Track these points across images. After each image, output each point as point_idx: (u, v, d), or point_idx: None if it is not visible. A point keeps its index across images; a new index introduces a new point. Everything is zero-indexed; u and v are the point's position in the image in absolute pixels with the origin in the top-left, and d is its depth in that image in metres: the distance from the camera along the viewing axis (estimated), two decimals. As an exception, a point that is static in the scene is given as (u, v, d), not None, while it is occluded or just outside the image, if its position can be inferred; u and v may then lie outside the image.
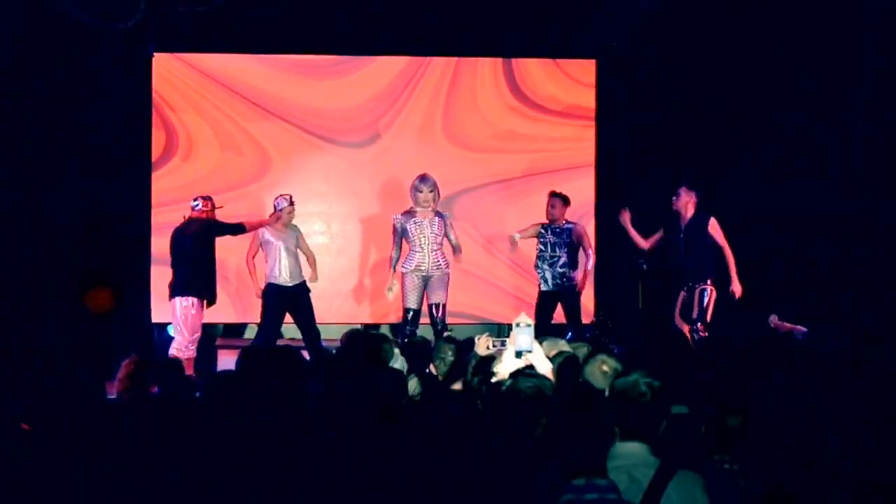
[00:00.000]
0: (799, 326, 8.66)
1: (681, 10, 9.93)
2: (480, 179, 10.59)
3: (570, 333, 10.04)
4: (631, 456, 3.53)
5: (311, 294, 9.25)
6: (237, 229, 9.17)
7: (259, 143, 10.52)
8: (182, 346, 8.77)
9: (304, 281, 9.24)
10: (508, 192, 10.58)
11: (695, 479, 3.52)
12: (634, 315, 10.25)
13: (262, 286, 9.18)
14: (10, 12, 9.51)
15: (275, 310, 9.11)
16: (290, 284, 9.13)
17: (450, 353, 5.35)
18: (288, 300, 9.12)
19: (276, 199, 9.24)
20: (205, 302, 8.93)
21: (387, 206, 10.36)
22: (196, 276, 8.86)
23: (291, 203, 9.20)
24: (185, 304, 8.81)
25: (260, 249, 9.21)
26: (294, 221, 9.38)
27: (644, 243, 9.36)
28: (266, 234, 9.16)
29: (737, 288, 8.92)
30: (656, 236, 9.30)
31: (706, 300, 8.92)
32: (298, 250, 9.26)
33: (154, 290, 10.11)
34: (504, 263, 10.57)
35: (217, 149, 10.48)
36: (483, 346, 6.64)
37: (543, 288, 9.50)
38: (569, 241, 9.43)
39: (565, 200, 9.52)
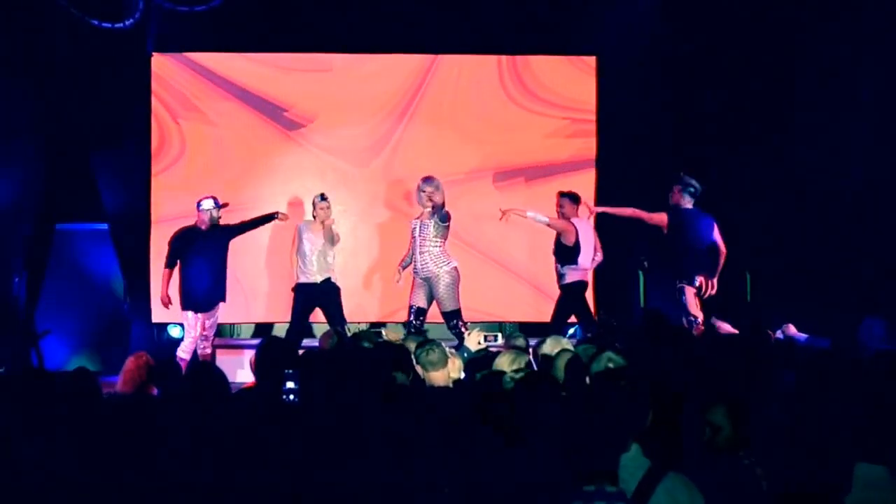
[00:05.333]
0: (800, 333, 8.62)
1: (681, 7, 9.92)
2: (481, 174, 10.57)
3: (573, 331, 10.04)
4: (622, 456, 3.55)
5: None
6: (251, 225, 9.34)
7: (259, 141, 10.50)
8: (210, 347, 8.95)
9: (330, 277, 9.25)
10: (509, 187, 10.55)
11: (683, 482, 3.56)
12: (636, 313, 10.25)
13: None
14: (10, 12, 9.49)
15: (298, 307, 9.18)
16: (317, 280, 9.16)
17: (436, 349, 5.37)
18: (313, 296, 9.16)
19: (314, 198, 9.30)
20: None
21: (390, 205, 10.37)
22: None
23: (323, 199, 9.24)
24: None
25: (297, 245, 9.29)
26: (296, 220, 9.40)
27: (647, 216, 9.21)
28: (301, 230, 9.26)
29: (710, 285, 8.92)
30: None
31: (683, 298, 8.94)
32: (329, 247, 9.27)
33: (154, 290, 10.09)
34: (501, 259, 10.54)
35: (216, 148, 10.46)
36: (474, 340, 6.66)
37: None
38: (557, 239, 9.31)
39: (574, 199, 9.34)
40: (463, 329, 8.73)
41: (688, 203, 9.08)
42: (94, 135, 10.14)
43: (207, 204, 9.03)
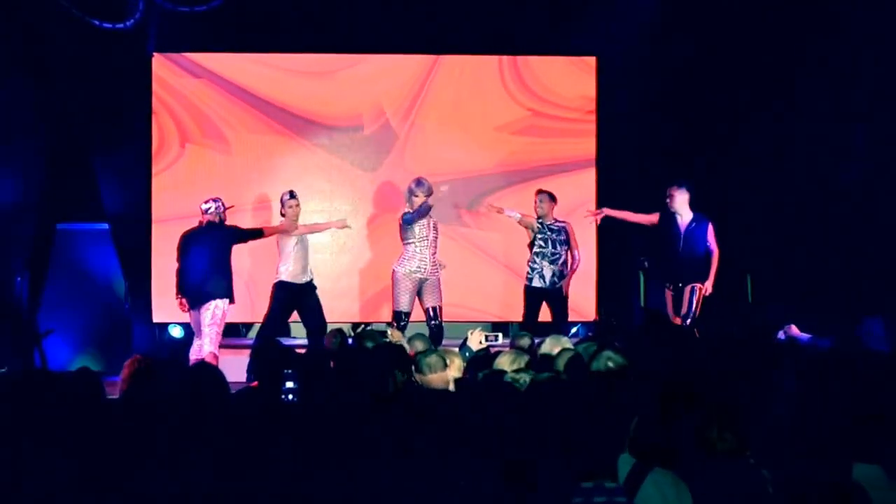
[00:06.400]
0: (803, 333, 8.63)
1: (681, 7, 9.91)
2: (482, 173, 10.56)
3: (575, 330, 10.06)
4: None
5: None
6: (256, 234, 9.20)
7: (259, 141, 10.50)
8: (215, 347, 8.88)
9: (312, 279, 9.27)
10: (510, 187, 10.55)
11: (671, 477, 3.68)
12: (636, 313, 10.25)
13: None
14: (10, 12, 9.49)
15: (281, 306, 9.17)
16: (300, 282, 9.17)
17: (433, 353, 5.39)
18: (296, 298, 9.16)
19: (282, 195, 9.30)
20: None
21: (387, 205, 10.35)
22: (229, 281, 8.93)
23: (292, 196, 9.24)
24: (225, 307, 8.85)
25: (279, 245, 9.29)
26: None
27: (645, 218, 9.35)
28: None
29: (709, 288, 9.01)
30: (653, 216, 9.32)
31: (696, 298, 8.96)
32: (310, 246, 9.30)
33: (156, 290, 10.10)
34: (501, 259, 10.55)
35: (217, 148, 10.46)
36: (476, 340, 6.68)
37: (536, 284, 9.41)
38: (566, 238, 9.43)
39: (552, 197, 9.52)
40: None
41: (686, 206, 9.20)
42: (95, 135, 10.15)
43: (211, 206, 9.03)
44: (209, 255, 8.85)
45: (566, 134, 10.62)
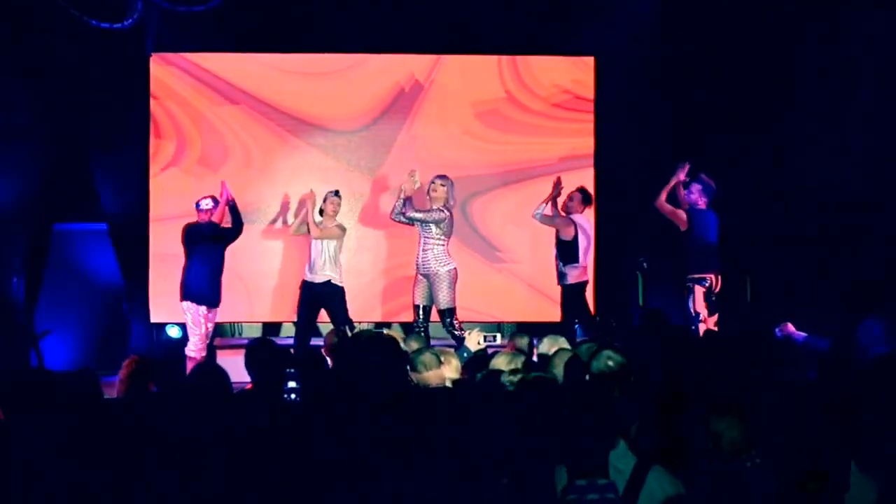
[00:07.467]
0: (799, 332, 8.62)
1: (680, 7, 9.92)
2: (481, 173, 10.57)
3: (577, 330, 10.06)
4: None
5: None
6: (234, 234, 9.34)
7: (257, 142, 10.50)
8: (195, 349, 8.97)
9: (331, 279, 9.17)
10: (509, 186, 10.56)
11: (668, 474, 3.77)
12: (636, 313, 10.25)
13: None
14: (9, 12, 9.49)
15: (300, 304, 9.24)
16: (311, 280, 9.17)
17: (427, 351, 5.37)
18: (315, 296, 9.18)
19: (327, 193, 9.37)
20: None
21: (385, 206, 10.34)
22: (192, 282, 9.03)
23: (336, 195, 9.29)
24: (191, 310, 8.96)
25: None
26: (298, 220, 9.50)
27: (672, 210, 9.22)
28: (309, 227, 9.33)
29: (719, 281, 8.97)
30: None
31: (692, 295, 8.96)
32: (337, 248, 9.28)
33: (153, 290, 10.11)
34: (501, 259, 10.55)
35: (215, 148, 10.45)
36: (474, 340, 6.69)
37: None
38: (557, 237, 9.38)
39: (586, 199, 9.46)
40: (458, 326, 8.82)
41: (703, 203, 9.15)
42: (94, 135, 10.15)
43: (206, 203, 9.09)
44: (186, 255, 8.98)
45: (565, 133, 10.64)
